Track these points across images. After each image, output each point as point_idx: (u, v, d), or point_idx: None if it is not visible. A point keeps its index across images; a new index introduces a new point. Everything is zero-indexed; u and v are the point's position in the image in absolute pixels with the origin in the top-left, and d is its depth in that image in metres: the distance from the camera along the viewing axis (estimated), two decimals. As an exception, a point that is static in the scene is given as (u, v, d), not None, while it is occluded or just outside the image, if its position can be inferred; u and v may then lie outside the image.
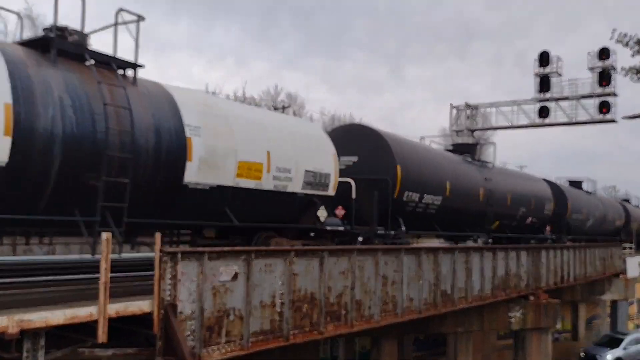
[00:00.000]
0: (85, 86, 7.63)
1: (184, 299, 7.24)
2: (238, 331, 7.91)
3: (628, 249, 33.71)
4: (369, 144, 13.86)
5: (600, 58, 28.97)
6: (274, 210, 10.53)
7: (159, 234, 7.22)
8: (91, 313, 6.53)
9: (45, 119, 7.06)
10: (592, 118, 30.17)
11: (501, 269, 15.61)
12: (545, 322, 16.67)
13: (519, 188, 21.05)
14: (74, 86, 7.52)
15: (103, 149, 7.52)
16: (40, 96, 7.06)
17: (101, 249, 6.63)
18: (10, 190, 6.87)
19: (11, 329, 5.88)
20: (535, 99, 31.09)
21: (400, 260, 11.42)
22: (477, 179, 17.89)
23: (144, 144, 8.09)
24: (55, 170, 7.16)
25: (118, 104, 7.77)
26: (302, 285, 9.02)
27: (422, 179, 14.75)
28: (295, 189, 10.72)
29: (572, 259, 21.29)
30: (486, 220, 18.30)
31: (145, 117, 8.19)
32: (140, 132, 8.03)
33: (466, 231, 17.40)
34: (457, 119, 34.56)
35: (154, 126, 8.27)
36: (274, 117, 12.22)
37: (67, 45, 7.78)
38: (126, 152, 7.73)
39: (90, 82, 7.68)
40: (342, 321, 9.88)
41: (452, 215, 16.40)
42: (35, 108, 6.97)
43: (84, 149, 7.40)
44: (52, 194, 7.24)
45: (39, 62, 7.37)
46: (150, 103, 8.44)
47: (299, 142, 10.96)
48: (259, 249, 8.46)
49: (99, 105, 7.59)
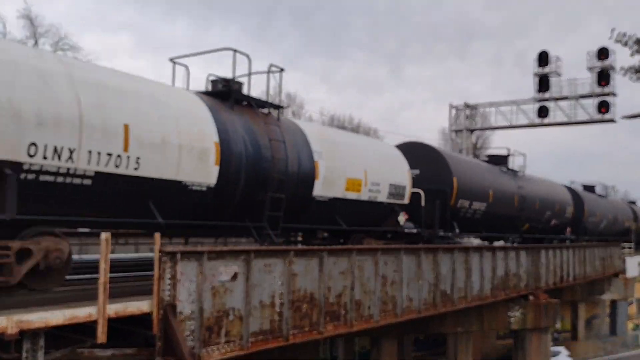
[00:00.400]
0: (254, 125, 10.20)
1: (183, 299, 7.23)
2: (237, 331, 7.90)
3: (627, 248, 33.75)
4: (429, 159, 16.46)
5: (599, 58, 28.98)
6: (367, 216, 13.19)
7: (158, 233, 7.21)
8: (90, 313, 6.52)
9: (236, 152, 9.50)
10: (591, 118, 30.20)
11: (501, 269, 15.62)
12: (544, 322, 16.67)
13: (545, 194, 23.53)
14: (248, 125, 10.03)
15: (269, 172, 10.08)
16: (231, 135, 9.49)
17: (100, 249, 6.63)
18: (214, 203, 9.27)
19: (10, 330, 5.87)
20: (535, 99, 31.11)
21: (400, 260, 11.42)
22: (512, 187, 20.53)
23: (291, 168, 10.67)
24: (240, 189, 9.63)
25: (277, 138, 10.43)
26: (301, 285, 9.01)
27: (472, 188, 17.34)
28: (382, 199, 13.36)
29: (571, 259, 21.30)
30: (518, 223, 20.86)
31: (291, 147, 10.79)
32: (290, 159, 10.65)
33: (503, 232, 20.11)
34: (456, 118, 34.57)
35: (296, 154, 10.92)
36: (367, 141, 15.70)
37: (239, 95, 10.39)
38: (282, 174, 10.30)
39: (257, 122, 10.33)
40: (341, 321, 9.88)
41: (493, 219, 18.84)
42: (229, 144, 9.38)
43: (257, 173, 9.89)
44: (236, 207, 9.74)
45: (224, 108, 9.80)
46: (291, 136, 11.05)
47: (384, 161, 13.74)
48: (258, 249, 8.46)
49: (265, 140, 10.18)
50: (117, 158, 7.64)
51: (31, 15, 29.28)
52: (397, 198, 13.81)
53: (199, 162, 8.79)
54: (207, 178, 8.96)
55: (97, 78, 7.89)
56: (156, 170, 8.14)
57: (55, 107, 7.00)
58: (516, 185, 20.73)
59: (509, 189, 20.01)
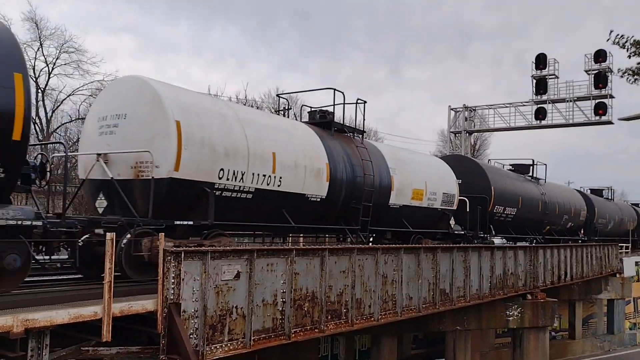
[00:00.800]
0: (348, 148, 13.13)
1: (187, 297, 7.30)
2: (240, 329, 7.97)
3: (625, 249, 33.91)
4: (470, 170, 19.18)
5: (597, 60, 29.11)
6: (425, 220, 15.88)
7: (162, 233, 7.28)
8: (95, 312, 6.57)
9: (340, 171, 12.38)
10: (588, 120, 30.34)
11: (499, 268, 15.72)
12: (542, 321, 16.76)
13: (563, 199, 26.50)
14: (344, 149, 12.94)
15: (362, 186, 12.91)
16: (336, 157, 12.36)
17: (106, 249, 6.69)
18: (323, 211, 12.09)
19: (16, 328, 5.93)
20: (532, 101, 31.26)
21: (400, 260, 11.50)
22: (536, 193, 23.18)
23: (376, 182, 13.49)
24: (341, 199, 12.49)
25: (365, 159, 13.34)
26: (303, 284, 9.10)
27: (506, 196, 20.16)
28: (437, 206, 16.14)
29: (569, 259, 21.40)
30: (541, 225, 23.72)
31: (375, 165, 13.67)
32: (375, 175, 13.47)
33: (528, 234, 22.69)
34: (455, 120, 34.70)
35: (378, 171, 13.78)
36: (426, 158, 18.79)
37: (337, 125, 13.57)
38: (370, 187, 13.14)
39: (350, 145, 13.32)
40: (342, 320, 9.96)
41: (521, 222, 21.56)
42: (335, 165, 12.25)
43: (354, 187, 12.75)
44: (337, 213, 12.55)
45: (327, 135, 12.71)
46: (374, 156, 13.88)
47: (439, 174, 16.68)
48: (260, 249, 8.53)
49: (358, 160, 13.12)
50: (268, 178, 10.37)
51: (36, 18, 29.21)
52: (448, 205, 16.61)
53: (315, 179, 11.61)
54: (320, 191, 11.84)
55: (253, 118, 10.80)
56: (290, 186, 10.94)
57: (233, 141, 9.69)
58: (539, 192, 23.44)
59: (534, 195, 22.71)
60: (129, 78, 9.74)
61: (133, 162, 8.81)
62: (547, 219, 23.93)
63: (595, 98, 29.84)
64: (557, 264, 20.08)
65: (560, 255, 20.52)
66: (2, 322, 5.83)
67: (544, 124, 31.47)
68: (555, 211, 24.71)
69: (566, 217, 26.21)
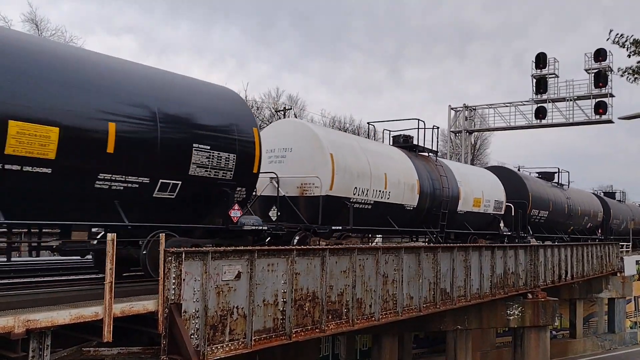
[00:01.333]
0: (428, 166, 16.28)
1: (188, 298, 7.31)
2: (241, 329, 7.98)
3: (625, 248, 33.92)
4: (510, 178, 22.21)
5: (597, 60, 29.10)
6: (482, 223, 19.09)
7: (163, 234, 7.29)
8: (97, 312, 6.59)
9: (425, 185, 15.51)
10: (588, 119, 30.34)
11: (500, 268, 15.72)
12: (543, 320, 16.76)
13: (584, 203, 29.73)
14: (426, 167, 16.10)
15: (441, 197, 16.21)
16: (422, 174, 15.54)
17: (107, 250, 6.70)
18: (414, 217, 15.23)
19: (17, 329, 5.94)
20: (532, 101, 31.25)
21: (400, 259, 11.50)
22: (563, 197, 26.39)
23: (450, 193, 16.62)
24: (426, 208, 15.60)
25: (441, 174, 16.55)
26: (303, 284, 9.10)
27: (540, 201, 23.46)
28: (490, 211, 19.35)
29: (569, 258, 21.39)
30: (567, 226, 26.84)
31: (448, 179, 16.78)
32: (449, 188, 16.67)
33: (556, 234, 25.86)
34: (455, 120, 34.70)
35: (450, 184, 16.81)
36: (479, 170, 22.10)
37: (419, 148, 16.80)
38: (446, 198, 16.43)
39: (428, 164, 16.49)
40: (343, 319, 9.97)
41: (551, 224, 24.84)
42: (422, 180, 15.41)
43: (434, 197, 15.92)
44: (421, 219, 15.69)
45: (413, 155, 16.02)
46: (446, 172, 17.06)
47: (490, 184, 19.98)
48: (261, 249, 8.53)
49: (436, 175, 16.33)
50: (382, 192, 13.63)
51: (36, 19, 29.17)
52: (497, 210, 19.81)
53: (410, 192, 14.86)
54: (413, 201, 15.02)
55: (370, 146, 14.34)
56: (395, 198, 14.21)
57: (362, 166, 13.02)
58: (565, 196, 26.64)
59: (561, 199, 26.02)
60: (291, 121, 14.96)
61: (299, 183, 12.13)
62: (572, 220, 27.26)
63: (596, 97, 29.84)
64: (557, 263, 20.08)
65: (561, 255, 20.51)
66: (4, 322, 5.84)
67: (544, 123, 31.48)
68: (578, 213, 28.03)
69: (586, 218, 29.36)
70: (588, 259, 23.98)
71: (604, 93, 29.60)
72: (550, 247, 19.74)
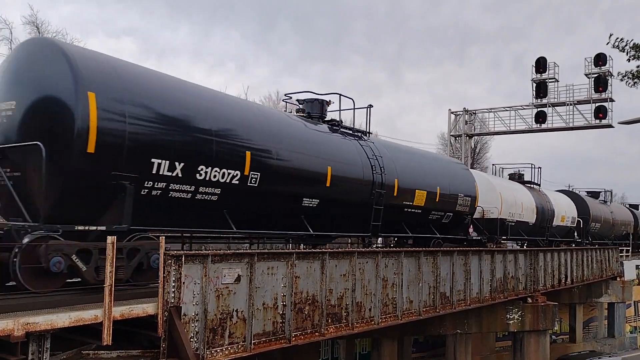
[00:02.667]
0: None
1: (187, 301, 7.30)
2: (241, 333, 7.97)
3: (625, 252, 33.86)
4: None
5: (597, 64, 29.12)
6: (521, 230, 21.38)
7: (163, 237, 7.29)
8: (96, 315, 6.57)
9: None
10: (588, 123, 30.34)
11: (499, 272, 15.71)
12: (543, 324, 16.75)
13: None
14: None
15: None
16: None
17: (106, 252, 6.70)
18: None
19: (17, 332, 5.93)
20: (532, 105, 31.28)
21: (400, 263, 11.50)
22: (574, 211, 28.46)
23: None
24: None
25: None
26: (303, 287, 9.09)
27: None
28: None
29: (569, 262, 21.39)
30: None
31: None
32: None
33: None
34: (455, 124, 34.73)
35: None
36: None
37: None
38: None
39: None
40: (343, 323, 9.96)
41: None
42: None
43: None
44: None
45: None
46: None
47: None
48: (261, 252, 8.54)
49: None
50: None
51: (37, 22, 29.18)
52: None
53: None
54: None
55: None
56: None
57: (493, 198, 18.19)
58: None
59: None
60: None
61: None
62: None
63: (595, 101, 29.86)
64: (557, 267, 20.07)
65: (561, 259, 20.51)
66: (3, 325, 5.83)
67: (544, 128, 31.50)
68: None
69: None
70: (588, 263, 23.97)
71: (604, 97, 29.62)
72: (550, 251, 19.73)
